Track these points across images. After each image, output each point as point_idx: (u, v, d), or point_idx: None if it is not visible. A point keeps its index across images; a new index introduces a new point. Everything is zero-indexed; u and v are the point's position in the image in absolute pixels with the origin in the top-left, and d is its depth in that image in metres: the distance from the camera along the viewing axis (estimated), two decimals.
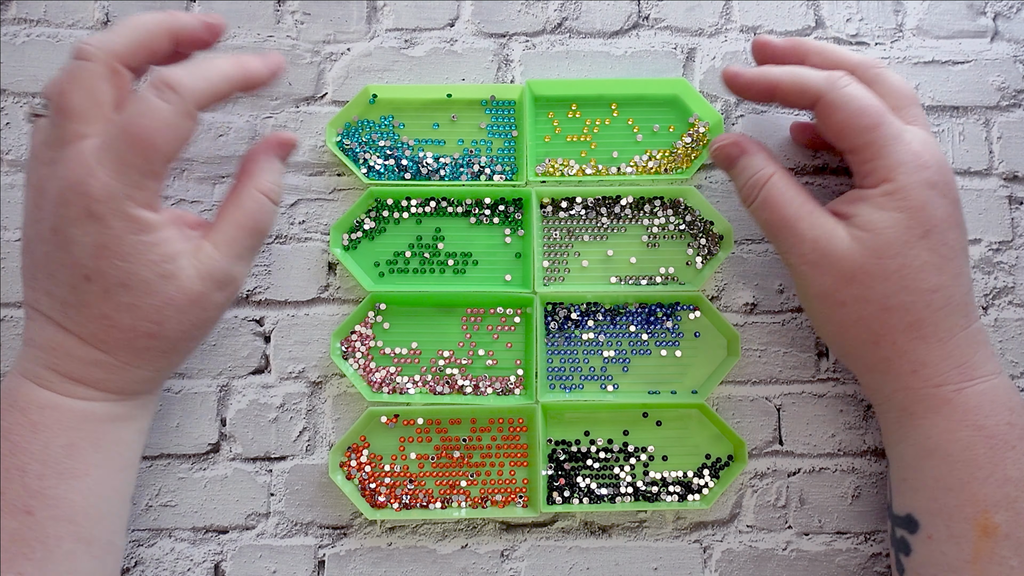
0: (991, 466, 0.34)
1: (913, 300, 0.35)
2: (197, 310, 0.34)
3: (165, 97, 0.32)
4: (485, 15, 0.46)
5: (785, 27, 0.46)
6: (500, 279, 0.42)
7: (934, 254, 0.34)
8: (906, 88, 0.38)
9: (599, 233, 0.43)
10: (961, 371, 0.35)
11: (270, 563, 0.41)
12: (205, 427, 0.42)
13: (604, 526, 0.42)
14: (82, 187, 0.32)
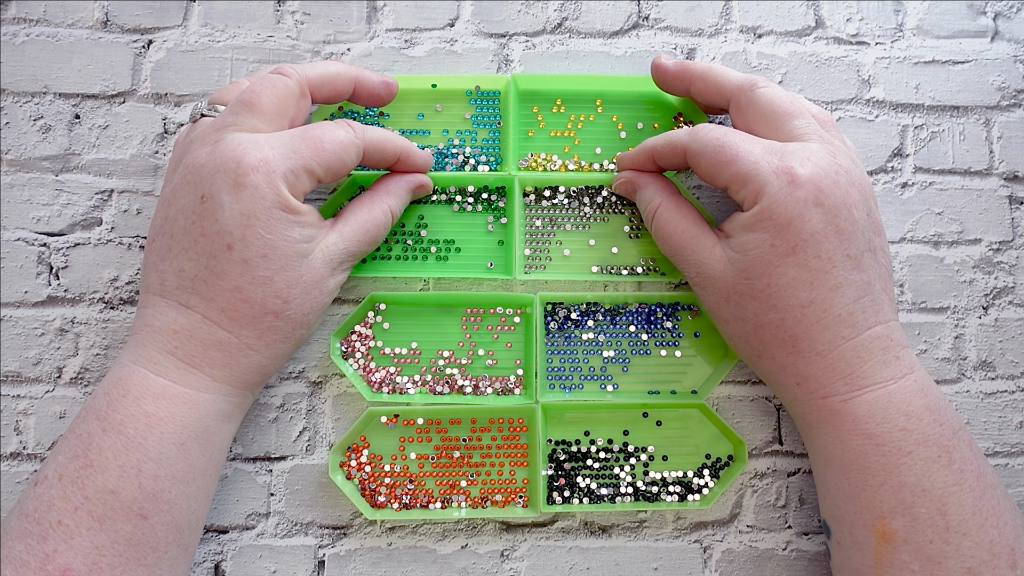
0: (884, 473, 0.33)
1: (783, 317, 0.35)
2: (317, 292, 0.36)
3: (343, 127, 0.36)
4: (485, 15, 0.45)
5: (785, 27, 0.46)
6: (483, 266, 0.42)
7: (803, 269, 0.34)
8: (784, 104, 0.37)
9: (582, 223, 0.43)
10: (847, 382, 0.35)
11: (270, 563, 0.41)
12: None
13: (604, 526, 0.42)
14: (243, 157, 0.33)
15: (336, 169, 0.36)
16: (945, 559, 0.32)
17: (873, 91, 0.46)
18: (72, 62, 0.44)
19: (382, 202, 0.39)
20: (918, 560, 0.32)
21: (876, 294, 0.35)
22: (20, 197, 0.43)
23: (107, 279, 0.42)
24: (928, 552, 0.32)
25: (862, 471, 0.34)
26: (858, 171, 0.36)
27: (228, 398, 0.35)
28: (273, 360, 0.36)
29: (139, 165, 0.43)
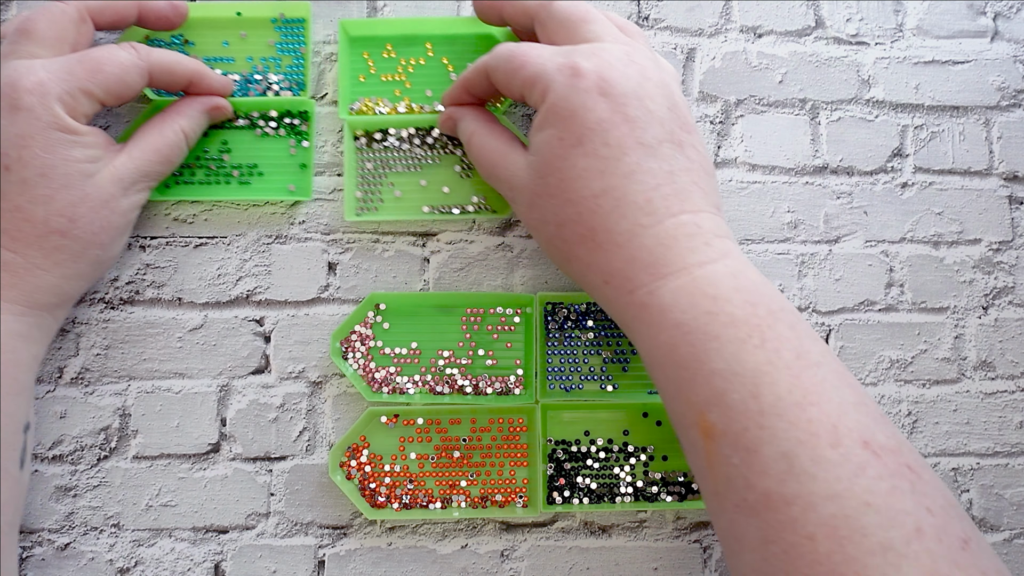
0: (696, 364, 0.31)
1: (579, 211, 0.33)
2: (107, 212, 0.37)
3: (126, 49, 0.37)
4: None
5: (785, 27, 0.46)
6: (284, 190, 0.43)
7: (593, 158, 0.33)
8: (578, 11, 0.36)
9: (413, 164, 0.44)
10: (651, 271, 0.32)
11: (270, 563, 0.41)
12: (205, 427, 0.42)
13: (604, 526, 0.42)
14: (18, 81, 0.34)
15: (118, 91, 0.37)
16: (760, 445, 0.29)
17: (873, 91, 0.46)
18: None
19: (173, 123, 0.40)
20: (736, 452, 0.29)
21: (682, 184, 0.33)
22: None
23: (107, 279, 0.42)
24: (744, 441, 0.29)
25: (676, 365, 0.31)
26: (657, 70, 0.35)
27: (20, 317, 0.36)
28: (67, 280, 0.37)
29: None
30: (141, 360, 0.42)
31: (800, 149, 0.45)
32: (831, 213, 0.45)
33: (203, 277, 0.43)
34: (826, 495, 0.27)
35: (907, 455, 0.29)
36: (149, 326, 0.42)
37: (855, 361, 0.44)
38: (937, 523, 0.27)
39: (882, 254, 0.45)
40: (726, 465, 0.30)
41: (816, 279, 0.44)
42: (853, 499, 0.27)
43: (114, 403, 0.41)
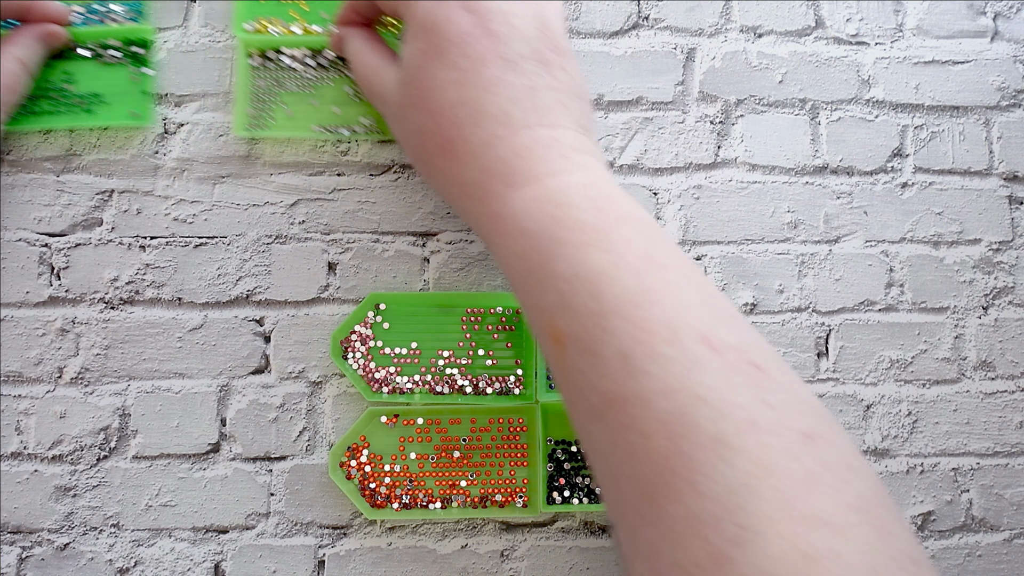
0: (543, 270, 0.30)
1: (438, 121, 0.34)
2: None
3: None
4: None
5: (785, 27, 0.46)
6: (127, 115, 0.43)
7: (452, 70, 0.33)
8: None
9: (305, 85, 0.44)
10: (504, 181, 0.32)
11: (270, 563, 0.41)
12: (205, 427, 0.42)
13: (604, 526, 0.42)
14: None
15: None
16: (601, 346, 0.28)
17: (873, 91, 0.46)
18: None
19: (8, 52, 0.40)
20: (581, 355, 0.28)
21: (543, 100, 0.33)
22: (21, 198, 0.43)
23: (108, 279, 0.42)
24: (587, 343, 0.28)
25: (527, 273, 0.31)
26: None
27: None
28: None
29: (139, 165, 0.43)
30: (141, 360, 0.42)
31: (800, 149, 0.45)
32: (831, 213, 0.45)
33: (203, 277, 0.43)
34: (661, 391, 0.26)
35: (754, 353, 0.28)
36: (149, 326, 0.42)
37: (855, 361, 0.44)
38: (776, 417, 0.26)
39: (882, 254, 0.45)
40: (574, 370, 0.29)
41: (816, 279, 0.44)
42: (687, 395, 0.26)
43: (114, 403, 0.41)
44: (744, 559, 0.24)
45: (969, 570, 0.42)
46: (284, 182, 0.44)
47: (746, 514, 0.25)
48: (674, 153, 0.45)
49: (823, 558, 0.24)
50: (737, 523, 0.25)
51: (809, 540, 0.24)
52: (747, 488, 0.25)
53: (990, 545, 0.42)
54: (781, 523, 0.24)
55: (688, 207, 0.44)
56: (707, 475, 0.25)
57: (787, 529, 0.24)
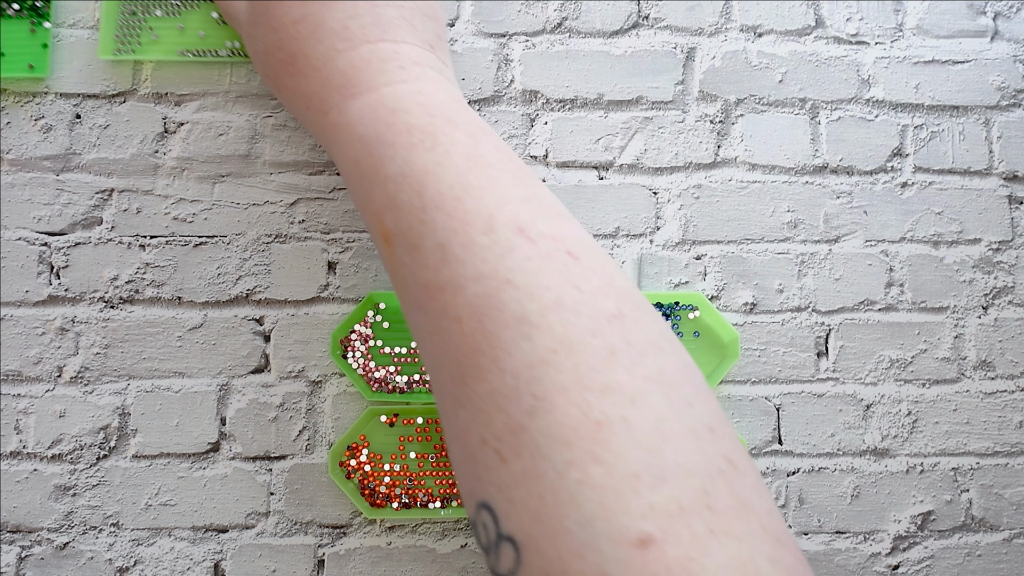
0: (373, 172, 0.31)
1: (280, 37, 0.34)
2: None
3: None
4: (485, 15, 0.46)
5: (785, 26, 0.46)
6: (24, 67, 0.43)
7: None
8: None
9: (171, 9, 0.44)
10: (342, 92, 0.33)
11: (270, 562, 0.41)
12: (205, 426, 0.42)
13: None
14: None
15: None
16: (422, 239, 0.29)
17: (873, 91, 0.46)
18: (73, 62, 0.44)
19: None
20: (406, 251, 0.30)
21: (386, 16, 0.34)
22: (21, 196, 0.43)
23: (107, 278, 0.42)
24: (410, 239, 0.30)
25: (360, 178, 0.32)
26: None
27: None
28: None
29: (139, 164, 0.43)
30: (140, 359, 0.42)
31: (800, 149, 0.45)
32: (831, 213, 0.45)
33: (203, 276, 0.43)
34: (472, 277, 0.28)
35: (571, 243, 0.29)
36: (149, 325, 0.42)
37: (855, 361, 0.44)
38: (583, 299, 0.27)
39: (882, 254, 0.45)
40: (401, 266, 0.30)
41: (816, 279, 0.44)
42: (496, 279, 0.27)
43: (113, 402, 0.41)
44: (536, 427, 0.25)
45: (969, 570, 0.42)
46: (284, 181, 0.44)
47: (542, 386, 0.26)
48: (674, 152, 0.45)
49: (611, 423, 0.25)
50: (533, 394, 0.26)
51: (600, 408, 0.25)
52: (545, 362, 0.26)
53: (990, 545, 0.42)
54: (575, 393, 0.25)
55: (688, 207, 0.44)
56: (509, 352, 0.26)
57: (580, 398, 0.25)
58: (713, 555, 0.23)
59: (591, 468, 0.24)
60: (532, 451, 0.25)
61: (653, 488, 0.24)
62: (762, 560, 0.24)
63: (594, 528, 0.24)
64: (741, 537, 0.24)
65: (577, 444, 0.25)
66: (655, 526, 0.23)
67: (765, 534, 0.25)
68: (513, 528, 0.25)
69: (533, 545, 0.25)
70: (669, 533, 0.23)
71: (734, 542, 0.24)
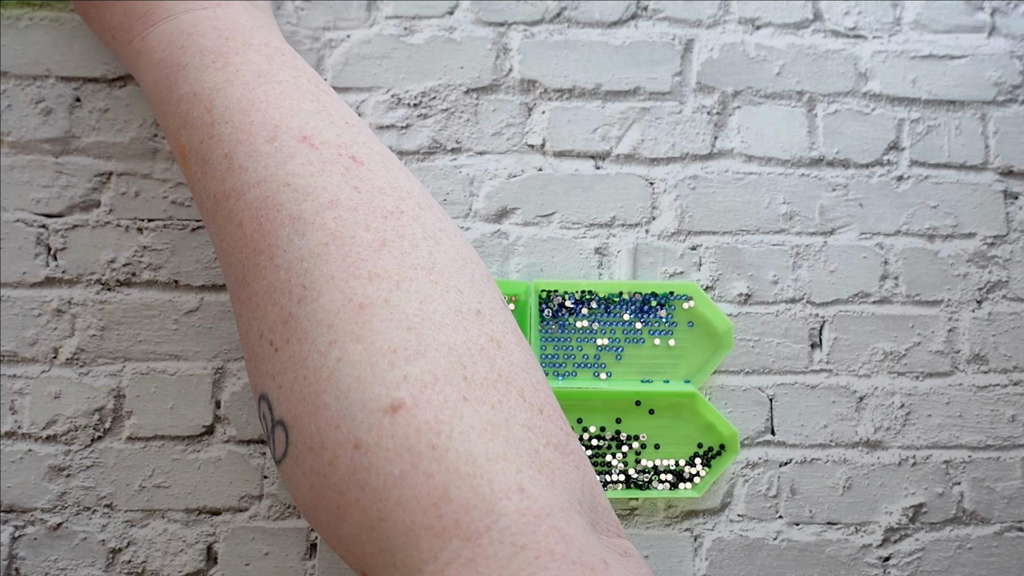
0: (169, 93, 0.33)
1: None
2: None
3: None
4: (484, 4, 0.46)
5: (783, 19, 0.46)
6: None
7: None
8: None
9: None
10: (144, 21, 0.34)
11: (262, 545, 0.41)
12: (199, 409, 0.42)
13: None
14: None
15: None
16: (210, 152, 0.31)
17: (870, 84, 0.46)
18: (74, 46, 0.44)
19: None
20: (198, 165, 0.32)
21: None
22: (20, 179, 0.43)
23: (104, 261, 0.42)
24: (201, 153, 0.31)
25: (159, 101, 0.33)
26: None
27: None
28: None
29: (138, 148, 0.43)
30: (136, 341, 0.42)
31: (796, 141, 0.45)
32: (826, 205, 0.45)
33: (200, 260, 0.43)
34: (253, 183, 0.29)
35: (357, 150, 0.31)
36: (145, 308, 0.42)
37: (848, 353, 0.44)
38: (361, 198, 0.29)
39: (877, 247, 0.45)
40: (195, 180, 0.32)
41: (811, 271, 0.44)
42: (275, 182, 0.29)
43: (109, 384, 0.42)
44: (303, 314, 0.27)
45: (960, 563, 0.42)
46: None
47: (311, 276, 0.27)
48: (671, 143, 0.45)
49: (373, 305, 0.26)
50: (303, 284, 0.27)
51: (364, 292, 0.27)
52: (315, 255, 0.27)
53: (981, 538, 0.42)
54: (341, 281, 0.27)
55: (684, 197, 0.45)
56: (283, 248, 0.28)
57: (345, 285, 0.27)
58: (464, 418, 0.25)
59: (350, 346, 0.26)
60: (299, 336, 0.27)
61: (408, 361, 0.25)
62: (516, 425, 0.26)
63: (349, 399, 0.25)
64: (496, 404, 0.26)
65: (339, 326, 0.26)
66: (407, 393, 0.25)
67: (524, 404, 0.26)
68: (283, 412, 0.27)
69: (298, 424, 0.26)
70: (420, 399, 0.25)
71: (488, 408, 0.25)
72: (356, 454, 0.25)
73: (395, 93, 0.45)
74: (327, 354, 0.26)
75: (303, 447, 0.26)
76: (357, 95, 0.45)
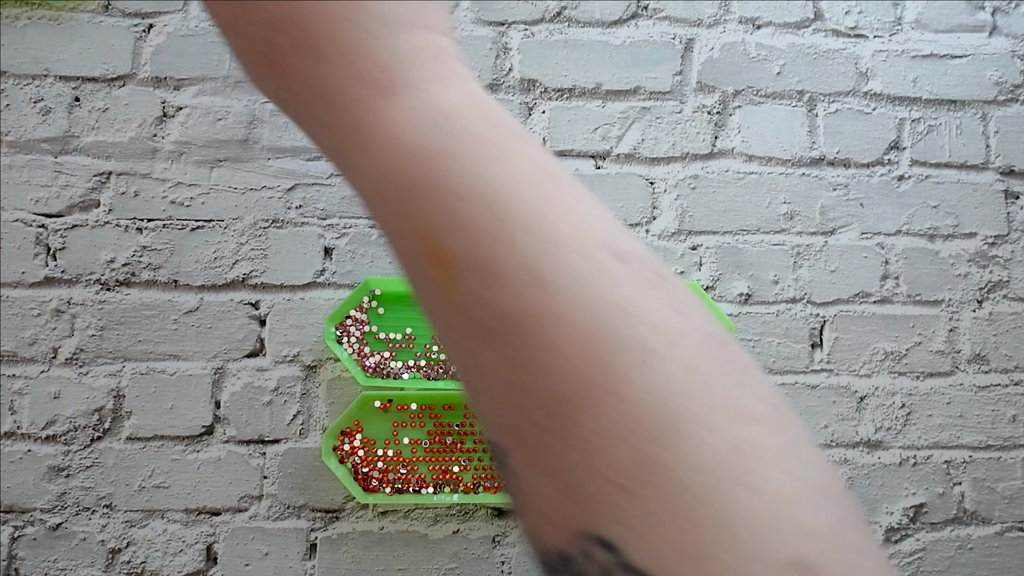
0: (428, 187, 0.29)
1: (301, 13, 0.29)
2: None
3: None
4: (484, 3, 0.46)
5: (784, 19, 0.46)
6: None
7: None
8: None
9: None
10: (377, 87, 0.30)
11: (262, 545, 0.41)
12: (199, 409, 0.42)
13: None
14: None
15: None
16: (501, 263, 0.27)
17: (871, 84, 0.46)
18: (73, 45, 0.44)
19: None
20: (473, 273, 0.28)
21: None
22: (19, 178, 0.43)
23: (104, 260, 0.42)
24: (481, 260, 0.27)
25: (404, 192, 0.29)
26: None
27: None
28: None
29: (137, 148, 0.43)
30: (136, 342, 0.42)
31: (797, 140, 0.45)
32: (827, 205, 0.45)
33: (199, 260, 0.43)
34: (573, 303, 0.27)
35: (654, 263, 0.29)
36: (145, 308, 0.42)
37: (849, 352, 0.44)
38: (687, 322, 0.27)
39: (878, 246, 0.45)
40: (461, 290, 0.28)
41: (811, 270, 0.44)
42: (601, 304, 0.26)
43: (108, 384, 0.41)
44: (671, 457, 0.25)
45: (960, 563, 0.42)
46: (281, 167, 0.44)
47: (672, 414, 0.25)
48: (671, 143, 0.45)
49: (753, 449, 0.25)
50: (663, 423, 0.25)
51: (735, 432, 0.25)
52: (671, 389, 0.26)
53: (981, 538, 0.42)
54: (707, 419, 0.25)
55: (684, 197, 0.45)
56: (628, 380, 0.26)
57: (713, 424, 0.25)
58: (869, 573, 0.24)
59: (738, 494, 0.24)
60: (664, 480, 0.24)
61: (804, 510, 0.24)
62: None
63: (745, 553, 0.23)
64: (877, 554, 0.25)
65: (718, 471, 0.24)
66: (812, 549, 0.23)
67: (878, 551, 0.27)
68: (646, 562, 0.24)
69: None
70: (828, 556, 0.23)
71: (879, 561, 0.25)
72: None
73: None
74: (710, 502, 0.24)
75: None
76: None
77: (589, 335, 0.28)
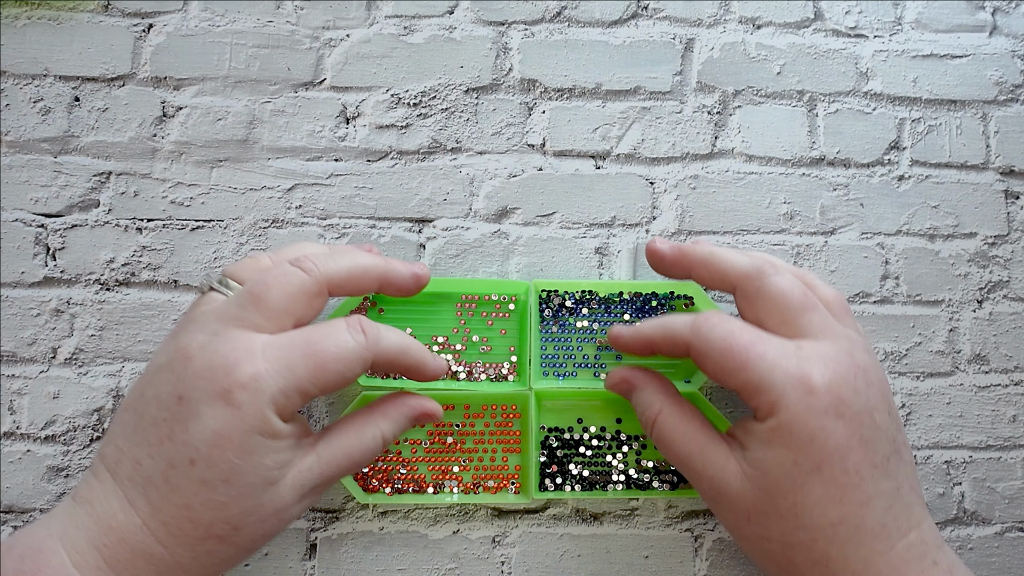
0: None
1: (813, 537, 0.33)
2: (275, 520, 0.32)
3: (356, 336, 0.32)
4: (484, 3, 0.46)
5: (784, 18, 0.46)
6: None
7: (831, 486, 0.32)
8: (796, 297, 0.34)
9: None
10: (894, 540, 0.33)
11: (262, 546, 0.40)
12: None
13: (596, 513, 0.42)
14: (235, 369, 0.30)
15: (335, 387, 0.32)
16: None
17: (871, 84, 0.46)
18: (73, 45, 0.44)
19: (375, 426, 0.35)
20: None
21: (906, 498, 0.33)
22: (19, 178, 0.43)
23: (103, 261, 0.42)
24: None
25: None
26: (875, 366, 0.34)
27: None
28: (203, 571, 0.32)
29: (137, 148, 0.43)
30: (135, 342, 0.42)
31: (797, 140, 0.45)
32: (827, 205, 0.45)
33: (199, 260, 0.43)
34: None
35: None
36: (144, 308, 0.42)
37: None
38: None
39: (878, 246, 0.45)
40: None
41: (812, 270, 0.44)
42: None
43: (107, 384, 0.41)
44: None
45: None
46: (281, 166, 0.44)
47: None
48: (671, 143, 0.45)
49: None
50: None
51: None
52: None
53: (982, 538, 0.42)
54: None
55: (684, 197, 0.45)
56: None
57: None
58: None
59: None
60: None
61: None
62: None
63: None
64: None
65: None
66: None
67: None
68: None
69: None
70: None
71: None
72: None
73: (395, 92, 0.45)
74: None
75: None
76: (357, 94, 0.45)
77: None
